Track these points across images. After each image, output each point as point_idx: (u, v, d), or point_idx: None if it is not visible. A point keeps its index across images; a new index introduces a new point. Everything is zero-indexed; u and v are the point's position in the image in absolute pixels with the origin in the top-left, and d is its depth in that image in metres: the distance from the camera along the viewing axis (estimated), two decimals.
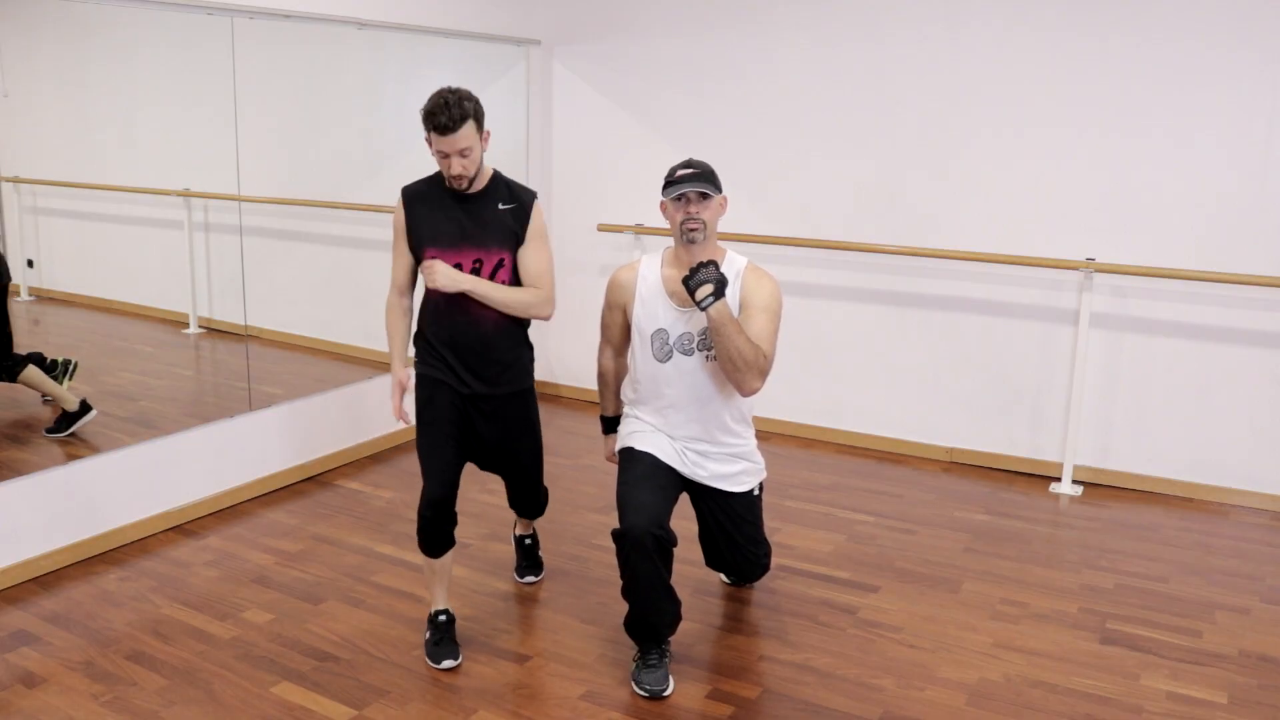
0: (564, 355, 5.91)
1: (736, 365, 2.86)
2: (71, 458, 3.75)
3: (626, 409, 3.23)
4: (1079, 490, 4.55)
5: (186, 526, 4.05)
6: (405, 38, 4.84)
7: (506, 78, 5.45)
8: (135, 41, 4.14)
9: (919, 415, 4.98)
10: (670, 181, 2.95)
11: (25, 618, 3.32)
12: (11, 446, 3.79)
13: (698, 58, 5.20)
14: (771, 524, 4.05)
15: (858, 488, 4.57)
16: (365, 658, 3.12)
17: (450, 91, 2.83)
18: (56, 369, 3.95)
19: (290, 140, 4.75)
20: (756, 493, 3.26)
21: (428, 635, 3.14)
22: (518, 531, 3.66)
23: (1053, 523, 4.22)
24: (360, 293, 5.18)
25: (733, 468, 3.15)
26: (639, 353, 3.10)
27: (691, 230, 2.93)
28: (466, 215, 2.98)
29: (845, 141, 4.91)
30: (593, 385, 5.78)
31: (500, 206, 3.01)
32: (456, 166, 2.88)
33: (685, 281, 2.82)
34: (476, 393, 3.08)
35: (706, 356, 3.01)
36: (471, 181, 2.95)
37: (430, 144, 2.89)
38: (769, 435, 5.17)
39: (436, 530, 3.05)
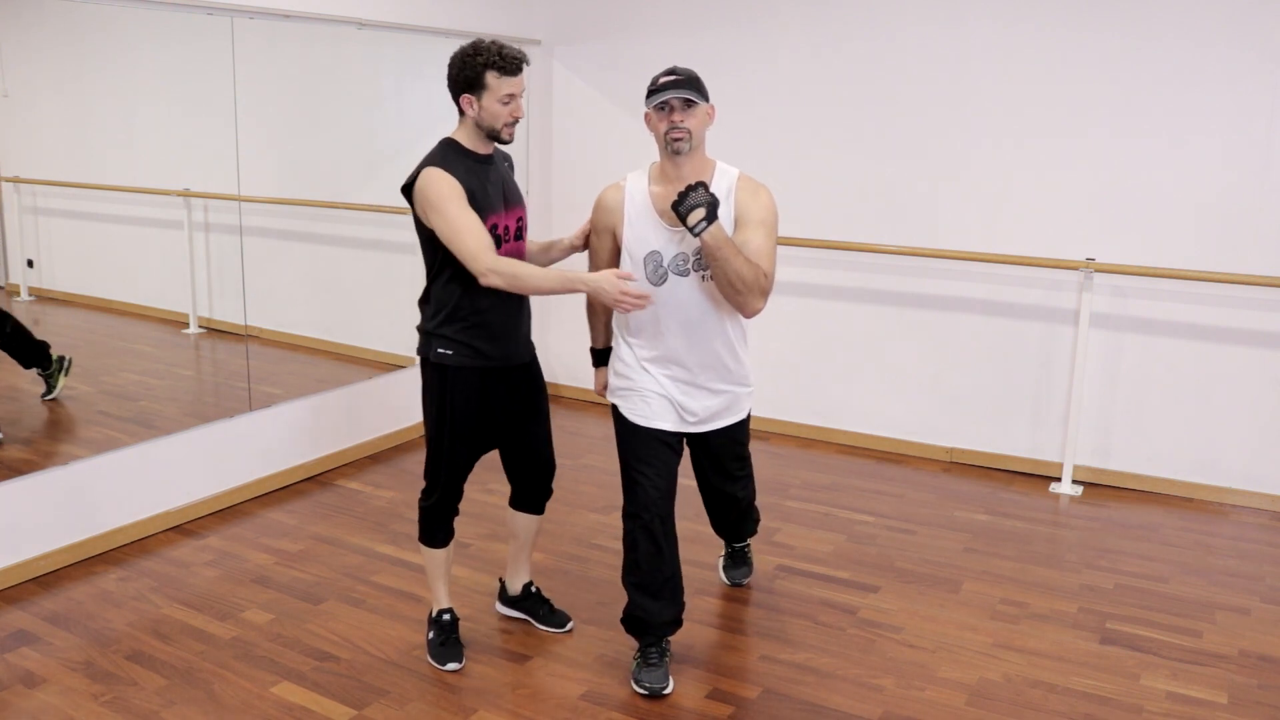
0: (564, 355, 5.91)
1: (736, 288, 2.74)
2: (71, 458, 3.75)
3: (617, 342, 3.06)
4: (1079, 490, 4.55)
5: (186, 526, 4.05)
6: (405, 38, 4.84)
7: None
8: (135, 41, 4.14)
9: (919, 415, 4.98)
10: (653, 90, 2.80)
11: (25, 618, 3.32)
12: (11, 446, 3.79)
13: (698, 57, 5.20)
14: (771, 524, 4.06)
15: (858, 488, 4.57)
16: (365, 658, 3.12)
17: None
18: (52, 365, 3.94)
19: (291, 140, 4.75)
20: (748, 415, 3.15)
21: (431, 635, 3.14)
22: (522, 580, 3.35)
23: (1053, 523, 4.22)
24: (360, 293, 5.19)
25: (727, 400, 3.02)
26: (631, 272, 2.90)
27: (676, 140, 2.77)
28: (497, 178, 2.93)
29: (845, 141, 4.91)
30: (593, 385, 5.80)
31: (505, 165, 3.02)
32: (520, 110, 2.85)
33: (675, 208, 2.69)
34: (509, 365, 3.00)
35: (703, 276, 2.86)
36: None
37: (480, 97, 2.79)
38: (769, 435, 5.17)
39: (449, 519, 3.07)
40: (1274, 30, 4.05)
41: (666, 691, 2.93)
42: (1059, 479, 4.62)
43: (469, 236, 2.74)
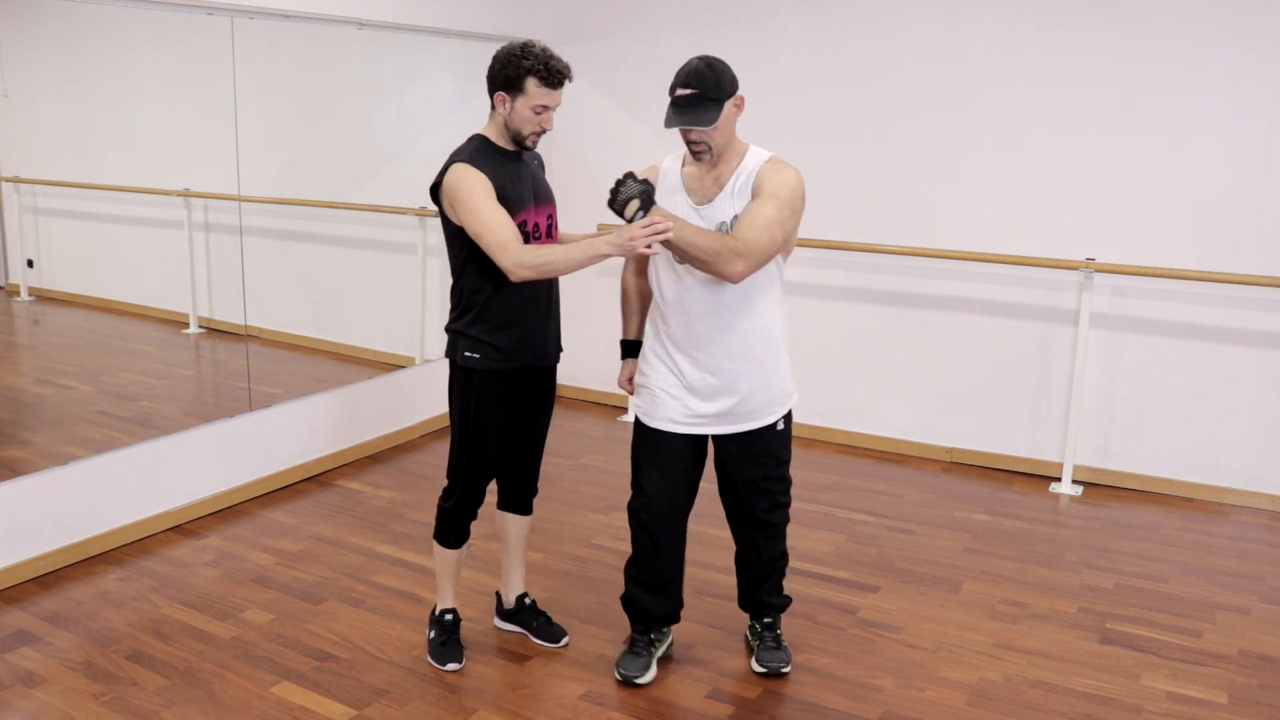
0: (563, 355, 5.90)
1: (699, 259, 2.66)
2: (71, 458, 3.75)
3: (647, 335, 3.00)
4: (1079, 490, 4.55)
5: (186, 526, 4.05)
6: (405, 38, 4.84)
7: None
8: (135, 41, 4.14)
9: (919, 415, 4.98)
10: (670, 101, 2.73)
11: (25, 618, 3.32)
12: (12, 446, 3.79)
13: None
14: None
15: (858, 488, 4.57)
16: (365, 658, 3.12)
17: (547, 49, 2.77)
18: None
19: (290, 140, 4.75)
20: (781, 426, 2.95)
21: (432, 635, 3.14)
22: (516, 590, 3.29)
23: (1053, 523, 4.22)
24: (360, 293, 5.19)
25: (759, 400, 2.87)
26: (660, 258, 2.87)
27: (698, 152, 2.76)
28: (527, 174, 2.93)
29: (846, 141, 4.91)
30: (594, 386, 5.81)
31: (535, 163, 3.01)
32: (549, 123, 2.84)
33: (610, 205, 2.68)
34: (532, 367, 2.98)
35: None
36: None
37: (515, 98, 2.77)
38: None
39: (467, 521, 3.05)
40: (1274, 30, 4.05)
41: (640, 681, 2.94)
42: (1059, 479, 4.62)
43: (495, 231, 2.70)
